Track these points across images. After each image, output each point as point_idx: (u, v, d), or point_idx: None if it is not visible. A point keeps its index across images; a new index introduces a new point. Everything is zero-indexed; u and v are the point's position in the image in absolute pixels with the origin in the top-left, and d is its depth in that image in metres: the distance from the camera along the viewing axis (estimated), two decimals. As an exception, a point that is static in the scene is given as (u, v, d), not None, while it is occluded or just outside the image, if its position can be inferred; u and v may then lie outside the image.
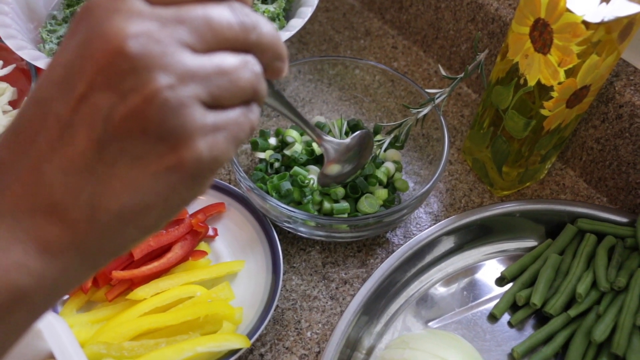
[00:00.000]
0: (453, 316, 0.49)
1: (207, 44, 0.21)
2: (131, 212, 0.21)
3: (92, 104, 0.19)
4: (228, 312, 0.45)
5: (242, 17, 0.21)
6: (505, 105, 0.50)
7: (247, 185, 0.46)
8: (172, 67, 0.19)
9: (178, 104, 0.19)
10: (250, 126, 0.22)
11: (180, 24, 0.20)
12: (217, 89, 0.21)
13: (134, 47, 0.19)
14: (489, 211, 0.52)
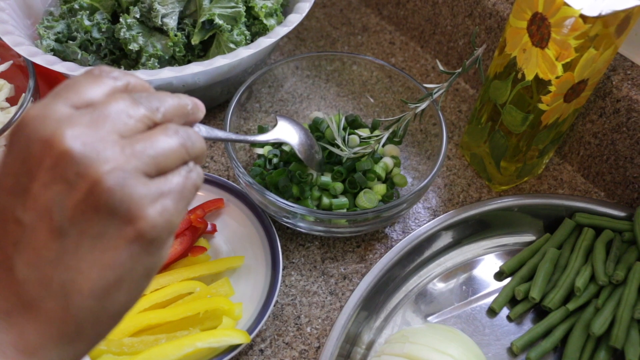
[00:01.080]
0: (452, 311, 0.49)
1: (135, 130, 0.23)
2: (102, 289, 0.22)
3: (45, 199, 0.21)
4: (228, 308, 0.45)
5: (148, 103, 0.24)
6: (503, 99, 0.51)
7: (246, 180, 0.46)
8: (109, 151, 0.22)
9: (122, 181, 0.22)
10: (193, 184, 0.25)
11: (104, 121, 0.23)
12: (154, 160, 0.23)
13: (71, 144, 0.21)
14: (487, 206, 0.52)
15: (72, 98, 0.23)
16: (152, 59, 0.51)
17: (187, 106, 0.26)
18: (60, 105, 0.23)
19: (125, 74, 0.26)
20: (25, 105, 0.49)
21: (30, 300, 0.22)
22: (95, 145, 0.22)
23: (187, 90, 0.52)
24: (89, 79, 0.24)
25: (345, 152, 0.51)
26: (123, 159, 0.22)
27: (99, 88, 0.24)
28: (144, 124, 0.24)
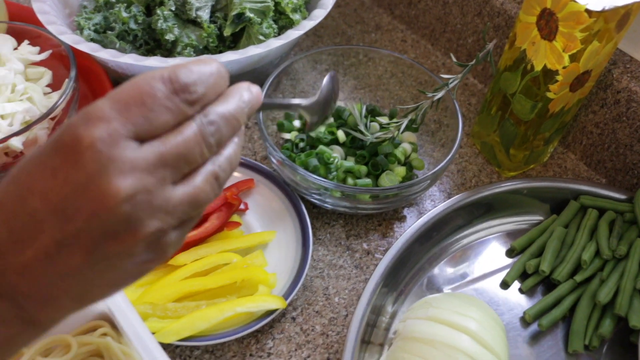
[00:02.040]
0: (467, 284, 0.53)
1: (183, 174, 0.24)
2: (109, 295, 0.26)
3: (88, 235, 0.22)
4: (263, 277, 0.48)
5: (209, 140, 0.25)
6: (513, 90, 0.55)
7: (279, 157, 0.50)
8: (157, 211, 0.23)
9: (155, 239, 0.23)
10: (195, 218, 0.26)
11: (163, 167, 0.23)
12: (189, 210, 0.25)
13: (126, 209, 0.22)
14: (498, 188, 0.56)
15: (138, 125, 0.23)
16: (189, 48, 0.54)
17: (244, 117, 0.27)
18: (123, 136, 0.22)
19: (206, 80, 0.25)
20: (67, 91, 0.52)
21: (47, 297, 0.24)
22: (148, 206, 0.23)
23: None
24: (166, 98, 0.24)
25: (368, 137, 0.55)
26: (168, 214, 0.23)
27: (170, 116, 0.24)
28: (198, 165, 0.25)
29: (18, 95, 0.53)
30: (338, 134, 0.56)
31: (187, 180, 0.24)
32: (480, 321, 0.44)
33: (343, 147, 0.57)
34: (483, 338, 0.43)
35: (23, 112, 0.52)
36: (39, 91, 0.55)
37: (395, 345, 0.45)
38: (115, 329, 0.44)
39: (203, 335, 0.46)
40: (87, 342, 0.43)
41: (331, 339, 0.49)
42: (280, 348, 0.48)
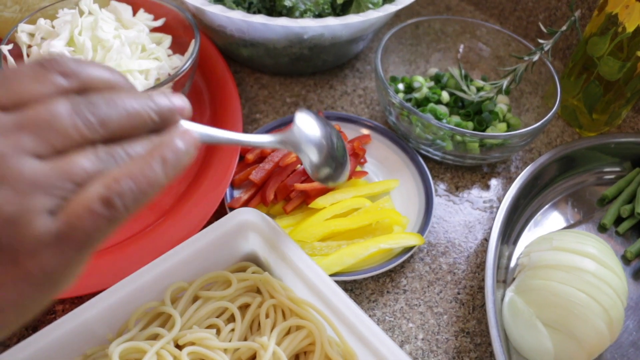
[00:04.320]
0: (568, 229, 0.58)
1: (52, 147, 0.21)
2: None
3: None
4: (397, 218, 0.51)
5: (86, 114, 0.22)
6: (600, 53, 0.60)
7: (399, 101, 0.54)
8: (10, 179, 0.19)
9: (17, 217, 0.20)
10: (101, 231, 0.21)
11: (21, 130, 0.20)
12: (63, 193, 0.21)
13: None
14: (589, 142, 0.61)
15: (1, 93, 0.21)
16: (308, 12, 0.58)
17: (151, 114, 0.23)
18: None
19: (85, 66, 0.23)
20: (194, 53, 0.55)
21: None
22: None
23: (331, 42, 0.60)
24: (34, 71, 0.22)
25: (472, 97, 0.60)
26: (26, 189, 0.20)
27: (38, 85, 0.21)
28: (74, 141, 0.21)
29: (147, 54, 0.56)
30: (442, 95, 0.61)
31: (60, 155, 0.21)
32: (599, 249, 0.49)
33: (447, 107, 0.61)
34: (604, 260, 0.47)
35: (156, 68, 0.55)
36: (163, 52, 0.57)
37: (524, 275, 0.49)
38: (262, 268, 0.47)
39: (344, 273, 0.49)
40: (244, 278, 0.45)
41: (458, 276, 0.52)
42: (414, 285, 0.51)
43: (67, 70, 0.22)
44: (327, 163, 0.36)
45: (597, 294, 0.44)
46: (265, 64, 0.65)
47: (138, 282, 0.41)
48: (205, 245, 0.43)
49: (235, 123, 0.57)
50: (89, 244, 0.21)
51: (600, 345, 0.45)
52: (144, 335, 0.40)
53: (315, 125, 0.37)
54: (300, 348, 0.41)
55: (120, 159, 0.22)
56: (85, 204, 0.21)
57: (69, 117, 0.21)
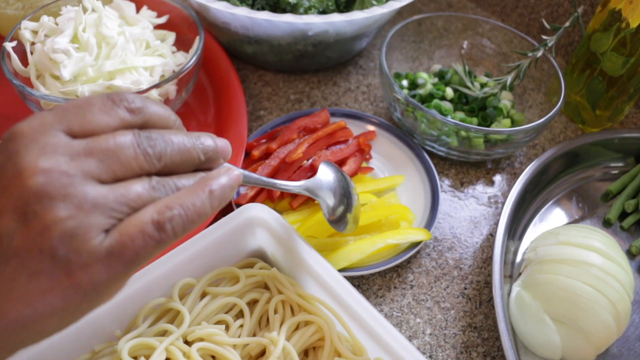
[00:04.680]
0: (575, 223, 0.58)
1: (113, 174, 0.23)
2: (27, 320, 0.23)
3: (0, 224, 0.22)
4: (404, 213, 0.51)
5: (146, 148, 0.24)
6: (604, 49, 0.61)
7: (404, 97, 0.54)
8: (75, 197, 0.22)
9: (77, 232, 0.22)
10: (152, 249, 0.23)
11: (89, 157, 0.23)
12: (119, 215, 0.23)
13: (40, 181, 0.21)
14: (592, 137, 0.61)
15: (72, 121, 0.23)
16: (313, 9, 0.58)
17: (199, 153, 0.26)
18: (55, 128, 0.23)
19: (149, 104, 0.25)
20: (198, 50, 0.55)
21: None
22: (65, 187, 0.22)
23: (336, 39, 0.60)
24: (104, 104, 0.24)
25: (477, 93, 0.60)
26: (88, 208, 0.22)
27: (107, 117, 0.24)
28: (133, 171, 0.24)
29: (152, 51, 0.56)
30: (446, 91, 0.61)
31: (118, 182, 0.23)
32: (605, 243, 0.49)
33: (451, 103, 0.61)
34: (611, 254, 0.47)
35: (161, 65, 0.54)
36: (168, 49, 0.57)
37: (530, 269, 0.49)
38: (269, 264, 0.47)
39: (351, 268, 0.49)
40: (252, 274, 0.45)
41: (464, 271, 0.52)
42: (420, 280, 0.51)
43: (133, 107, 0.25)
44: (340, 207, 0.43)
45: (604, 288, 0.44)
46: (269, 60, 0.65)
47: (146, 279, 0.41)
48: (213, 241, 0.43)
49: (240, 120, 0.57)
50: (137, 263, 0.23)
51: (607, 339, 0.45)
52: (152, 332, 0.40)
53: (332, 176, 0.43)
54: (309, 343, 0.41)
55: (170, 189, 0.25)
56: (138, 226, 0.23)
57: (132, 149, 0.24)
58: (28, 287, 0.22)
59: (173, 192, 0.25)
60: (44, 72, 0.51)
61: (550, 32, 0.70)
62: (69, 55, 0.50)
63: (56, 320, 0.23)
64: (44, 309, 0.22)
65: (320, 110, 0.59)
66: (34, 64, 0.52)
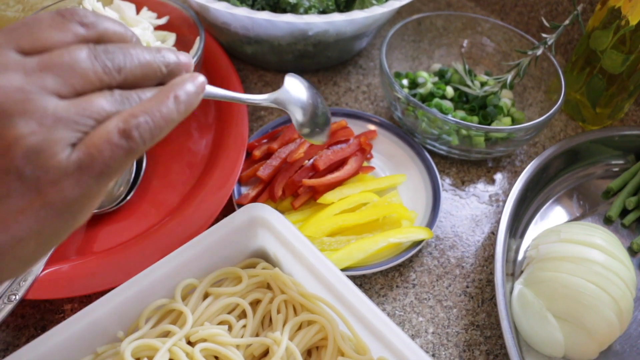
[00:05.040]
0: (576, 220, 0.58)
1: (72, 88, 0.22)
2: (3, 246, 0.22)
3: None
4: (405, 212, 0.51)
5: (104, 60, 0.23)
6: (604, 46, 0.61)
7: (404, 95, 0.54)
8: (35, 113, 0.21)
9: (41, 148, 0.21)
10: (123, 159, 0.23)
11: (45, 71, 0.22)
12: (84, 128, 0.22)
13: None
14: (593, 135, 0.61)
15: (23, 39, 0.22)
16: (313, 8, 0.58)
17: (161, 66, 0.25)
18: (4, 47, 0.22)
19: (103, 19, 0.24)
20: (199, 50, 0.55)
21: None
22: (23, 102, 0.21)
23: (336, 39, 0.60)
24: (54, 20, 0.23)
25: (477, 91, 0.60)
26: (49, 123, 0.21)
27: (59, 33, 0.23)
28: (92, 84, 0.23)
29: (152, 53, 0.56)
30: (447, 90, 0.61)
31: (79, 96, 0.23)
32: (607, 240, 0.49)
33: (451, 102, 0.61)
34: (612, 251, 0.47)
35: (162, 67, 0.54)
36: (168, 51, 0.57)
37: (532, 267, 0.49)
38: (271, 264, 0.47)
39: (353, 268, 0.49)
40: (254, 274, 0.45)
41: (466, 269, 0.52)
42: (422, 279, 0.51)
43: (86, 21, 0.24)
44: (310, 124, 0.42)
45: (607, 285, 0.44)
46: (269, 61, 0.65)
47: (148, 280, 0.40)
48: (215, 241, 0.43)
49: (241, 121, 0.57)
50: (107, 175, 0.23)
51: (610, 336, 0.45)
52: (155, 333, 0.40)
53: (302, 89, 0.42)
54: (312, 343, 0.41)
55: (135, 102, 0.24)
56: (104, 136, 0.22)
57: (89, 61, 0.23)
58: (16, 198, 0.21)
59: (137, 104, 0.24)
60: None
61: (550, 30, 0.70)
62: (70, 56, 0.50)
63: (33, 243, 0.22)
64: (19, 232, 0.22)
65: (320, 110, 0.59)
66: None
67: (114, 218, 0.51)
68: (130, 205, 0.52)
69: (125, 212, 0.52)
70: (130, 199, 0.52)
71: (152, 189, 0.54)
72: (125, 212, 0.52)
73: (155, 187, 0.54)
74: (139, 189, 0.53)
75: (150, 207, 0.53)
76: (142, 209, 0.52)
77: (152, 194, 0.54)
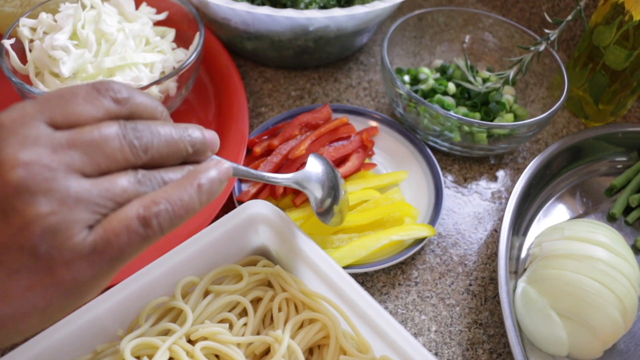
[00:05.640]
0: (579, 218, 0.57)
1: (98, 167, 0.22)
2: (7, 319, 0.22)
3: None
4: (408, 210, 0.51)
5: (132, 140, 0.23)
6: (607, 42, 0.60)
7: (406, 91, 0.53)
8: (57, 192, 0.21)
9: (59, 228, 0.21)
10: (137, 245, 0.22)
11: (72, 149, 0.22)
12: (103, 210, 0.22)
13: (20, 175, 0.20)
14: (596, 132, 0.61)
15: (55, 112, 0.22)
16: (314, 4, 0.57)
17: (187, 146, 0.25)
18: (37, 119, 0.22)
19: (135, 94, 0.24)
20: (198, 46, 0.54)
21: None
22: (47, 181, 0.21)
23: (336, 34, 0.59)
24: (89, 95, 0.23)
25: (479, 87, 0.59)
26: (71, 204, 0.21)
27: (93, 109, 0.23)
28: (118, 163, 0.23)
29: (152, 47, 0.55)
30: (449, 86, 0.60)
31: (103, 176, 0.23)
32: (611, 237, 0.48)
33: (453, 98, 0.61)
34: (616, 249, 0.47)
35: (161, 61, 0.54)
36: (168, 46, 0.57)
37: (536, 265, 0.49)
38: (272, 261, 0.46)
39: (355, 265, 0.48)
40: (255, 272, 0.44)
41: (469, 267, 0.52)
42: (425, 277, 0.51)
43: (120, 97, 0.24)
44: (328, 198, 0.43)
45: (611, 283, 0.44)
46: (269, 57, 0.65)
47: (148, 277, 0.40)
48: (215, 239, 0.42)
49: (241, 117, 0.57)
50: (122, 260, 0.23)
51: (614, 334, 0.44)
52: (155, 331, 0.39)
53: (321, 168, 0.43)
54: (314, 341, 0.40)
55: (157, 183, 0.24)
56: (123, 222, 0.22)
57: (117, 141, 0.23)
58: (8, 285, 0.21)
59: (160, 186, 0.24)
60: (42, 70, 0.51)
61: (552, 26, 0.69)
62: (68, 52, 0.49)
63: (37, 318, 0.23)
64: (25, 307, 0.22)
65: (322, 106, 0.58)
66: (32, 61, 0.51)
67: (113, 215, 0.51)
68: (129, 203, 0.52)
69: (125, 210, 0.51)
70: (130, 196, 0.52)
71: (152, 186, 0.54)
72: (124, 210, 0.51)
73: (154, 184, 0.54)
74: (139, 186, 0.53)
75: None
76: (142, 206, 0.52)
77: (151, 191, 0.53)
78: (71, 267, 0.21)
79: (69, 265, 0.21)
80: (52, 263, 0.21)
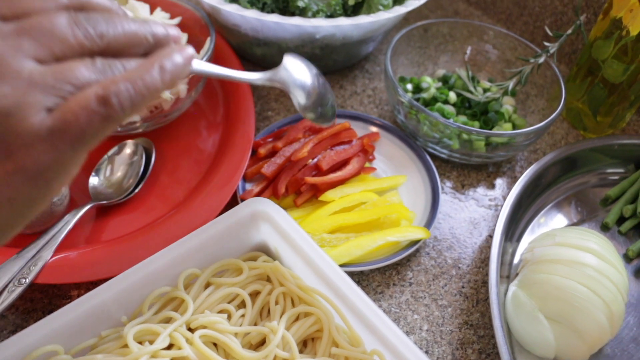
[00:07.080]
0: (575, 225, 0.59)
1: (51, 52, 0.22)
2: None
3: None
4: (405, 212, 0.53)
5: (86, 27, 0.23)
6: (605, 56, 0.62)
7: (407, 99, 0.55)
8: (8, 76, 0.20)
9: (13, 111, 0.20)
10: (95, 128, 0.22)
11: (23, 36, 0.21)
12: (61, 93, 0.21)
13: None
14: (593, 143, 0.62)
15: (2, 5, 0.22)
16: (321, 12, 0.60)
17: (147, 36, 0.24)
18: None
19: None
20: (209, 50, 0.57)
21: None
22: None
23: (342, 43, 0.61)
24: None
25: (479, 97, 0.61)
26: (23, 86, 0.20)
27: (41, 1, 0.23)
28: (73, 50, 0.22)
29: (164, 51, 0.58)
30: (450, 95, 0.62)
31: (59, 61, 0.22)
32: (601, 244, 0.49)
33: (454, 107, 0.63)
34: (605, 256, 0.48)
35: (173, 65, 0.56)
36: (179, 50, 0.59)
37: (527, 269, 0.50)
38: (272, 257, 0.48)
39: (351, 264, 0.50)
40: (255, 266, 0.46)
41: (462, 270, 0.53)
42: (419, 278, 0.52)
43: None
44: (314, 109, 0.39)
45: (598, 288, 0.45)
46: (277, 63, 0.67)
47: (152, 267, 0.42)
48: (217, 233, 0.44)
49: (248, 120, 0.59)
50: (83, 141, 0.22)
51: (601, 339, 0.46)
52: (157, 319, 0.41)
53: (305, 72, 0.39)
54: (308, 334, 0.42)
55: (117, 70, 0.23)
56: (81, 102, 0.22)
57: (69, 26, 0.22)
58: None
59: (120, 72, 0.23)
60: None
61: (553, 39, 0.71)
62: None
63: (6, 211, 0.22)
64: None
65: (325, 111, 0.60)
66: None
67: (122, 209, 0.53)
68: (137, 198, 0.54)
69: (133, 205, 0.54)
70: (138, 192, 0.54)
71: (160, 184, 0.56)
72: (133, 205, 0.54)
73: (163, 181, 0.56)
74: (147, 183, 0.55)
75: (157, 200, 0.55)
76: (149, 202, 0.54)
77: (159, 188, 0.56)
78: (31, 151, 0.21)
79: (28, 149, 0.21)
80: (9, 146, 0.21)
